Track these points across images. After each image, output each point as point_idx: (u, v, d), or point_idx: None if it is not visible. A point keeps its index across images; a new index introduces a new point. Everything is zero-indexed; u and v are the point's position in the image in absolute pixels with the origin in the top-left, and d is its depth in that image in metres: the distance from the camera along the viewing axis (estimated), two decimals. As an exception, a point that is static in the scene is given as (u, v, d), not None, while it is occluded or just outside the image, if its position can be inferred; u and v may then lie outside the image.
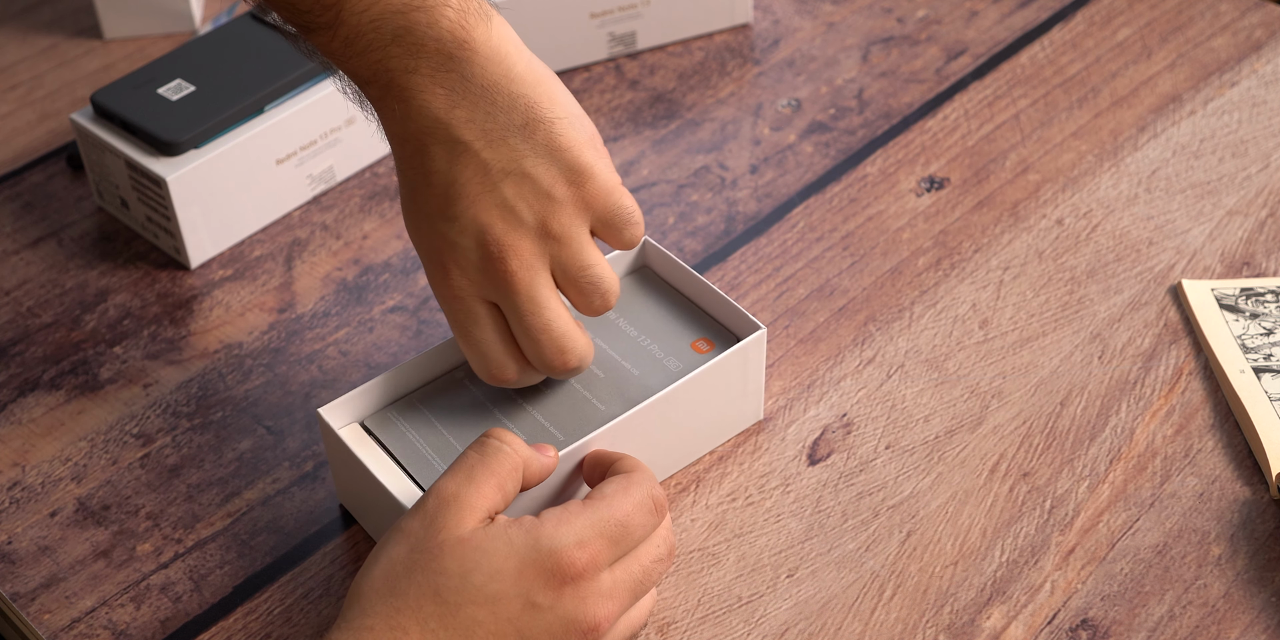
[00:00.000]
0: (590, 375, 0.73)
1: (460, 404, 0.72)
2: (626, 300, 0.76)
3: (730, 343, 0.73)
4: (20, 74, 1.00)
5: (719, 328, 0.75)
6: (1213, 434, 0.75)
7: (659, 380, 0.72)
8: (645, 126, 0.95)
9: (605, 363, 0.73)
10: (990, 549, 0.71)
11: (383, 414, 0.72)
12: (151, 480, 0.75)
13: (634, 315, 0.75)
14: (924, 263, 0.85)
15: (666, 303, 0.76)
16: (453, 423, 0.71)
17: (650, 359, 0.73)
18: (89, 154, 0.87)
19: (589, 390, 0.72)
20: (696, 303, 0.76)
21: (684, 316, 0.75)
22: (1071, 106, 0.94)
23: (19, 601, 0.70)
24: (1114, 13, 1.02)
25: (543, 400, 0.72)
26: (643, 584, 0.63)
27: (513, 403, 0.72)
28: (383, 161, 0.93)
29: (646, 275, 0.78)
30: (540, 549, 0.60)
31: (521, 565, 0.60)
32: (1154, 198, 0.88)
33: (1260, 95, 0.94)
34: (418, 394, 0.73)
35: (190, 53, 0.88)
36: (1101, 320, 0.81)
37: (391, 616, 0.59)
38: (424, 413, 0.72)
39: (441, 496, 0.61)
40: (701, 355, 0.73)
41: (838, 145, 0.93)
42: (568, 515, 0.61)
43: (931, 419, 0.77)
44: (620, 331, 0.75)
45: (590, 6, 0.96)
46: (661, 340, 0.74)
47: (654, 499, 0.63)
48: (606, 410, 0.71)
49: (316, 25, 0.65)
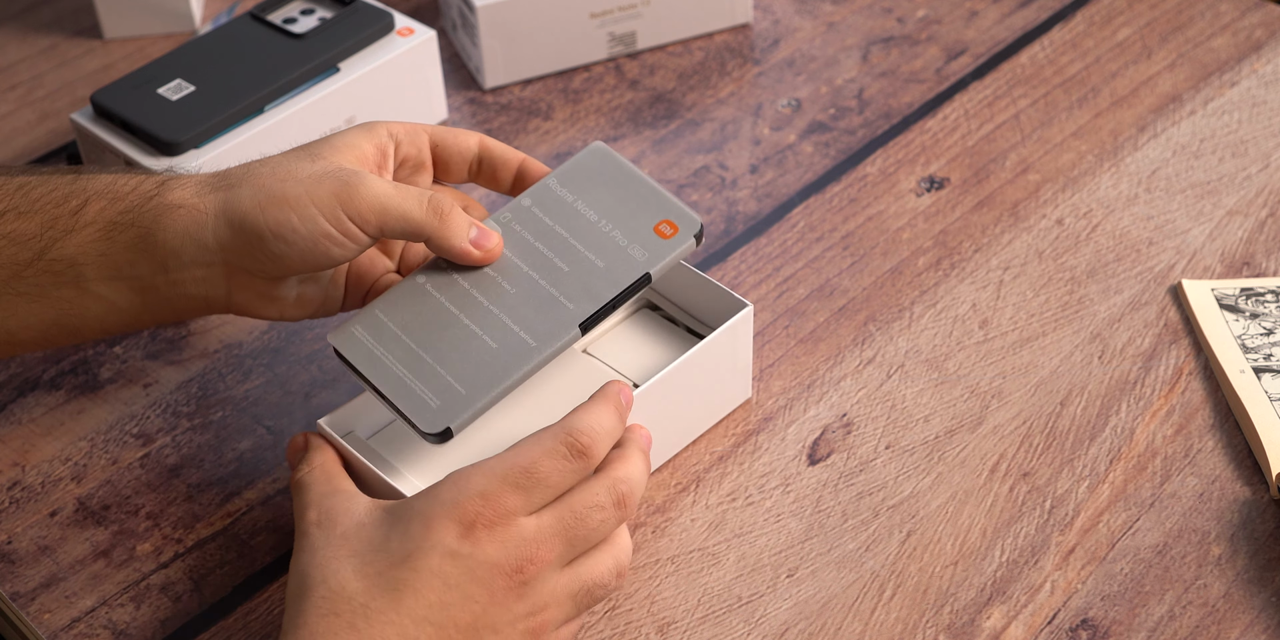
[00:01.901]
0: (554, 269, 0.70)
1: (424, 311, 0.70)
2: (584, 181, 0.72)
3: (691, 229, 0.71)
4: (20, 74, 1.00)
5: (679, 211, 0.71)
6: (1213, 434, 0.75)
7: (625, 272, 0.69)
8: (645, 126, 0.95)
9: (568, 254, 0.70)
10: (990, 549, 0.71)
11: (347, 332, 0.70)
12: (151, 480, 0.75)
13: (592, 198, 0.72)
14: (924, 263, 0.85)
15: (626, 182, 0.72)
16: (420, 334, 0.69)
17: (614, 247, 0.70)
18: (89, 154, 0.87)
19: (555, 287, 0.69)
20: (655, 187, 0.72)
21: (644, 196, 0.72)
22: (1071, 106, 0.94)
23: (19, 601, 0.70)
24: (1114, 13, 1.02)
25: (509, 302, 0.69)
26: (575, 530, 0.62)
27: (478, 306, 0.69)
28: (383, 161, 0.93)
29: (605, 158, 0.73)
30: (444, 501, 0.61)
31: (428, 519, 0.61)
32: (1154, 198, 0.88)
33: (1260, 95, 0.94)
34: (380, 304, 0.70)
35: (190, 53, 0.88)
36: (1101, 320, 0.81)
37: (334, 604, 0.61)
38: (389, 327, 0.69)
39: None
40: (666, 240, 0.70)
41: (838, 145, 0.93)
42: (473, 468, 0.62)
43: (931, 419, 0.77)
44: (579, 215, 0.71)
45: (590, 6, 0.96)
46: (623, 224, 0.71)
47: (569, 445, 0.63)
48: (575, 309, 0.69)
49: None
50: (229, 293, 0.69)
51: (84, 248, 0.68)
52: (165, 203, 0.67)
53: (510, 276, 0.70)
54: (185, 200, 0.67)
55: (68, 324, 0.70)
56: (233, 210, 0.67)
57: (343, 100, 0.88)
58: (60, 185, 0.69)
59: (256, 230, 0.66)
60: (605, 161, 0.72)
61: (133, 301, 0.69)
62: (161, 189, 0.68)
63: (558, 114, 0.96)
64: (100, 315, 0.69)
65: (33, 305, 0.69)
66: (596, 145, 0.73)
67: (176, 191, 0.68)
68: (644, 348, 0.77)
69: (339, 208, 0.66)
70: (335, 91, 0.87)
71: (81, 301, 0.69)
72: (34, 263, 0.68)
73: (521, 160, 0.73)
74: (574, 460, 0.63)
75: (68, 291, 0.68)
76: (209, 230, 0.67)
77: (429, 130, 0.73)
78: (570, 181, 0.72)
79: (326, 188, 0.66)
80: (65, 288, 0.68)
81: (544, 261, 0.70)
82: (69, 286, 0.68)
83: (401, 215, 0.67)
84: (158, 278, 0.68)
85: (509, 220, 0.71)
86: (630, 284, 0.69)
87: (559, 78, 0.99)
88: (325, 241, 0.66)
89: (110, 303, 0.69)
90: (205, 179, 0.69)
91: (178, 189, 0.68)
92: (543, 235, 0.71)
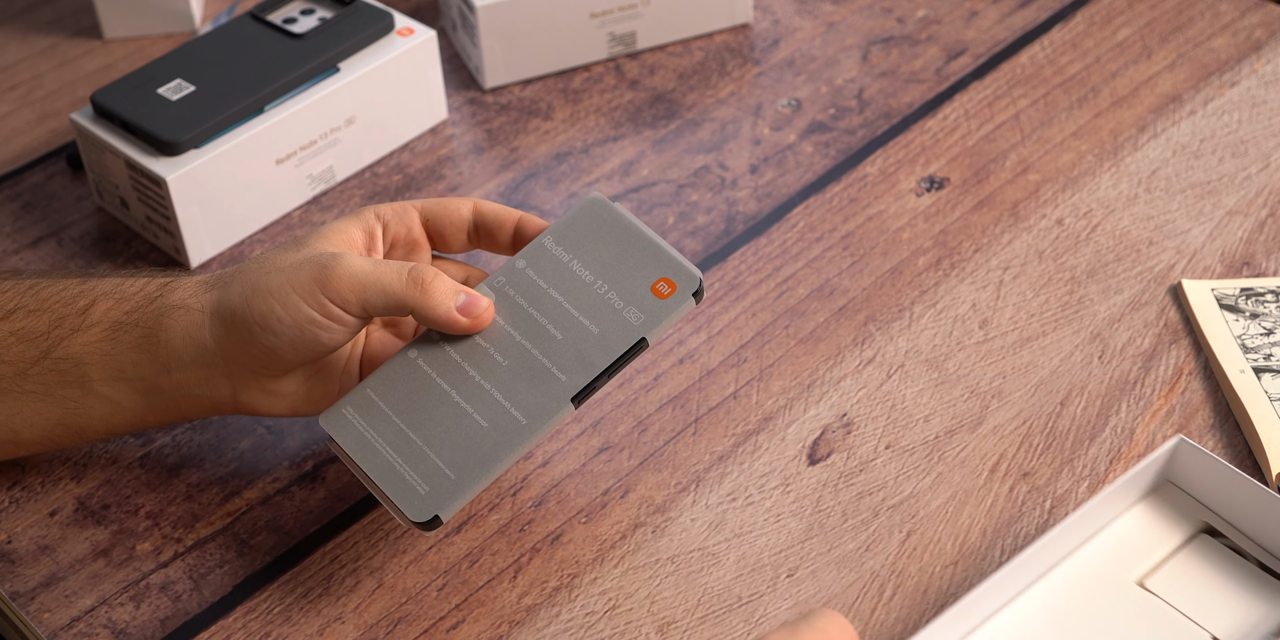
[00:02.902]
0: (548, 338, 0.68)
1: (414, 389, 0.69)
2: (579, 238, 0.71)
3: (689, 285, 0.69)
4: (20, 74, 1.00)
5: (678, 267, 0.69)
6: (1213, 434, 0.75)
7: (620, 338, 0.68)
8: (645, 126, 0.95)
9: (562, 320, 0.69)
10: (990, 549, 0.71)
11: (338, 413, 0.69)
12: (151, 480, 0.75)
13: (588, 256, 0.70)
14: (924, 263, 0.85)
15: (623, 237, 0.70)
16: (410, 414, 0.68)
17: (609, 311, 0.69)
18: (89, 154, 0.87)
19: (548, 357, 0.68)
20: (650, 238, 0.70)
21: (642, 251, 0.69)
22: (1071, 106, 0.94)
23: (19, 601, 0.70)
24: (1114, 13, 1.02)
25: (500, 375, 0.68)
26: None
27: (469, 381, 0.68)
28: (382, 161, 0.93)
29: (602, 210, 0.71)
30: None
31: None
32: (1154, 198, 0.88)
33: (1260, 95, 0.94)
34: (371, 382, 0.69)
35: (190, 53, 0.88)
36: (1101, 320, 0.81)
37: None
38: (379, 406, 0.69)
39: None
40: (663, 301, 0.68)
41: (838, 145, 0.93)
42: None
43: (931, 419, 0.77)
44: (574, 276, 0.70)
45: (590, 6, 0.96)
46: (619, 285, 0.69)
47: None
48: (568, 381, 0.67)
49: None
50: (234, 393, 0.70)
51: (89, 347, 0.69)
52: (167, 304, 0.69)
53: (502, 347, 0.69)
54: (184, 301, 0.69)
55: (73, 424, 0.71)
56: (224, 308, 0.68)
57: (343, 100, 0.88)
58: (70, 285, 0.71)
59: (245, 324, 0.67)
60: (602, 214, 0.70)
61: (137, 402, 0.70)
62: (164, 290, 0.69)
63: (558, 114, 0.96)
64: (105, 416, 0.71)
65: (38, 404, 0.70)
66: (593, 197, 0.71)
67: (177, 293, 0.69)
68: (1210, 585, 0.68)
69: (318, 291, 0.66)
70: (335, 91, 0.87)
71: (86, 401, 0.70)
72: (40, 361, 0.69)
73: (518, 219, 0.72)
74: None
75: (73, 391, 0.70)
76: (206, 330, 0.68)
77: (418, 206, 0.72)
78: (565, 239, 0.70)
79: (306, 274, 0.67)
80: (70, 387, 0.69)
81: (537, 329, 0.68)
82: (74, 386, 0.69)
83: (380, 289, 0.67)
84: (161, 378, 0.69)
85: (502, 284, 0.70)
86: (625, 351, 0.67)
87: (559, 78, 0.99)
88: (311, 327, 0.67)
89: (115, 403, 0.70)
90: (203, 279, 0.70)
91: (178, 290, 0.69)
92: (536, 300, 0.69)
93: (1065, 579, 0.68)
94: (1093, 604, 0.67)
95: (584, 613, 0.69)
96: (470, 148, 0.94)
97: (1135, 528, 0.70)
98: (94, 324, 0.69)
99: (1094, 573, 0.68)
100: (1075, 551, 0.69)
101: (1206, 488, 0.69)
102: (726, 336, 0.81)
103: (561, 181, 0.91)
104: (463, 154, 0.93)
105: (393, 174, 0.92)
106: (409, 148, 0.94)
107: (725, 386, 0.79)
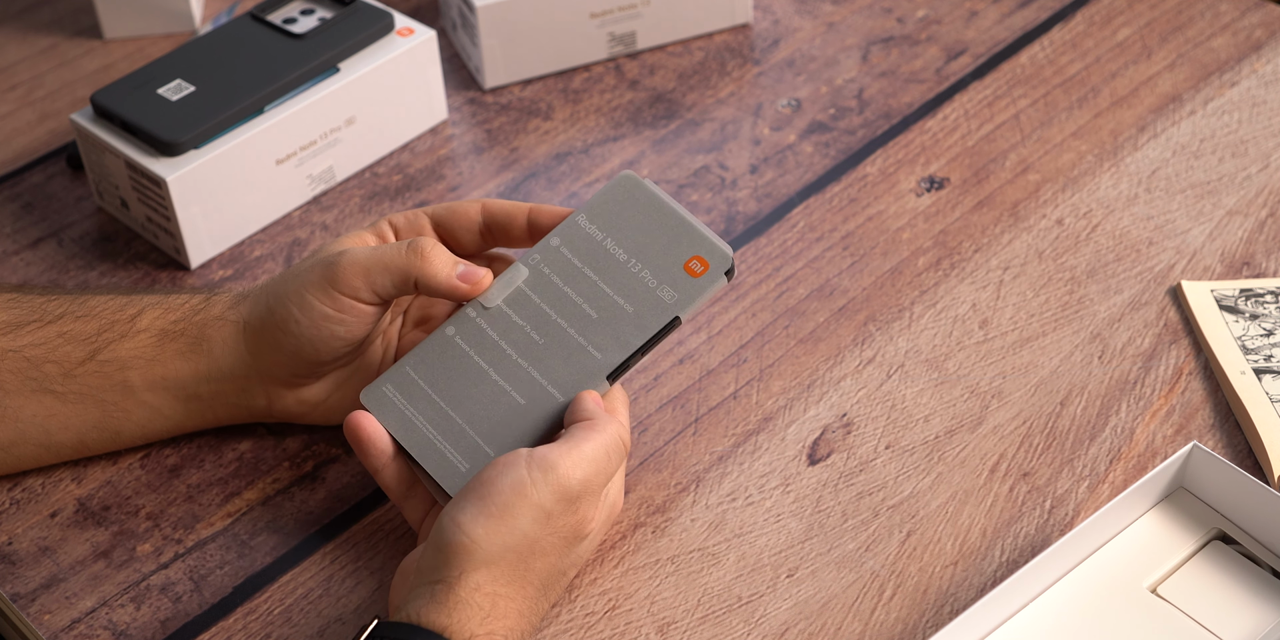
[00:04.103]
0: (583, 316, 0.69)
1: (452, 367, 0.70)
2: (613, 216, 0.71)
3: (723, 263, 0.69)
4: (20, 74, 1.00)
5: (711, 245, 0.69)
6: (1213, 434, 0.75)
7: (654, 317, 0.68)
8: (645, 126, 0.95)
9: (597, 298, 0.69)
10: (990, 549, 0.71)
11: (379, 391, 0.70)
12: (151, 480, 0.75)
13: (622, 234, 0.70)
14: (924, 263, 0.85)
15: (656, 215, 0.70)
16: (449, 391, 0.69)
17: (643, 289, 0.69)
18: (89, 154, 0.87)
19: (584, 335, 0.69)
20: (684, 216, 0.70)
21: (675, 230, 0.70)
22: (1071, 106, 0.94)
23: (19, 602, 0.70)
24: (1114, 13, 1.02)
25: (537, 353, 0.69)
26: None
27: (506, 359, 0.69)
28: (382, 161, 0.93)
29: (635, 188, 0.71)
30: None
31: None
32: (1154, 198, 0.88)
33: (1260, 95, 0.94)
34: (410, 360, 0.70)
35: (190, 53, 0.88)
36: (1101, 320, 0.81)
37: (524, 586, 0.63)
38: (419, 384, 0.70)
39: (585, 487, 0.64)
40: (696, 279, 0.69)
41: (838, 145, 0.93)
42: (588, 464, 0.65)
43: (931, 419, 0.77)
44: (608, 254, 0.70)
45: (590, 6, 0.96)
46: (652, 263, 0.70)
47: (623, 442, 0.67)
48: (603, 359, 0.68)
49: None
50: (269, 403, 0.73)
51: (135, 352, 0.71)
52: (210, 316, 0.72)
53: (539, 325, 0.70)
54: (223, 314, 0.72)
55: (110, 427, 0.73)
56: (253, 318, 0.71)
57: (343, 100, 0.88)
58: (116, 295, 0.74)
59: (269, 331, 0.70)
60: (635, 192, 0.71)
61: (175, 409, 0.73)
62: (207, 304, 0.73)
63: (558, 114, 0.96)
64: (143, 421, 0.73)
65: (76, 406, 0.72)
66: (625, 175, 0.71)
67: (217, 307, 0.72)
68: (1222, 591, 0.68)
69: (329, 287, 0.68)
70: (335, 91, 0.87)
71: (125, 405, 0.72)
72: (86, 362, 0.71)
73: (529, 210, 0.72)
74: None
75: (114, 395, 0.72)
76: (241, 341, 0.71)
77: (429, 212, 0.73)
78: (599, 217, 0.71)
79: (316, 273, 0.69)
80: (112, 391, 0.72)
81: (573, 308, 0.69)
82: (116, 390, 0.72)
83: (384, 267, 0.68)
84: (201, 387, 0.72)
85: (537, 262, 0.71)
86: (659, 329, 0.69)
87: (559, 78, 0.99)
88: (326, 323, 0.69)
89: (154, 409, 0.73)
90: (238, 293, 0.73)
91: (218, 304, 0.72)
92: (571, 279, 0.70)
93: (1078, 585, 0.68)
94: (1105, 610, 0.67)
95: (584, 613, 0.69)
96: (470, 148, 0.94)
97: (1148, 534, 0.70)
98: (142, 330, 0.71)
99: (1106, 579, 0.68)
100: (1088, 557, 0.69)
101: (1220, 494, 0.69)
102: (726, 336, 0.81)
103: (561, 181, 0.91)
104: (463, 154, 0.93)
105: (393, 174, 0.92)
106: (409, 148, 0.94)
107: (725, 386, 0.79)
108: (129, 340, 0.71)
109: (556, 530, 0.64)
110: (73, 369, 0.71)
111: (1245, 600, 0.66)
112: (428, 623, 0.61)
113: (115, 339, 0.71)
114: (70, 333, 0.72)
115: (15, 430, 0.72)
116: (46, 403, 0.71)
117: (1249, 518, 0.69)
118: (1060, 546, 0.66)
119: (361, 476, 0.75)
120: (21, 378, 0.71)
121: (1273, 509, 0.67)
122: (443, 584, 0.62)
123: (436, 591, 0.62)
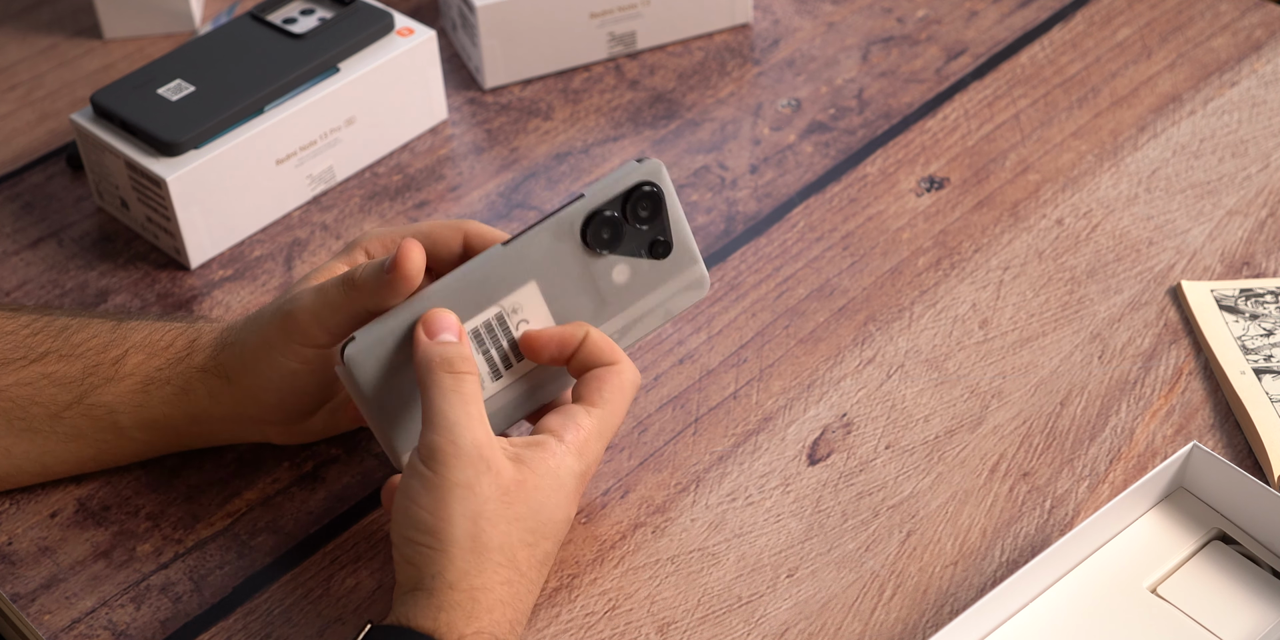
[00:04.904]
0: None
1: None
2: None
3: None
4: (20, 74, 1.00)
5: None
6: (1213, 434, 0.75)
7: None
8: (645, 126, 0.95)
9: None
10: (990, 549, 0.71)
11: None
12: (151, 480, 0.75)
13: None
14: (924, 263, 0.85)
15: None
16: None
17: None
18: (89, 154, 0.87)
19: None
20: None
21: None
22: (1071, 106, 0.94)
23: (19, 602, 0.70)
24: (1114, 13, 1.02)
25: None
26: None
27: None
28: (382, 161, 0.93)
29: None
30: (579, 474, 0.67)
31: (573, 491, 0.67)
32: (1154, 198, 0.88)
33: (1260, 95, 0.94)
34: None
35: (190, 53, 0.88)
36: (1101, 320, 0.81)
37: (496, 570, 0.63)
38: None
39: (477, 443, 0.63)
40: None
41: (838, 145, 0.93)
42: (587, 437, 0.67)
43: (931, 419, 0.77)
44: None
45: (590, 6, 0.96)
46: None
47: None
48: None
49: None
50: (264, 436, 0.74)
51: (122, 397, 0.71)
52: (193, 366, 0.71)
53: None
54: (204, 364, 0.71)
55: (106, 460, 0.74)
56: (233, 373, 0.71)
57: (343, 100, 0.88)
58: (101, 332, 0.73)
59: (251, 391, 0.71)
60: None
61: (169, 442, 0.74)
62: (191, 349, 0.72)
63: (558, 114, 0.96)
64: (136, 452, 0.74)
65: (70, 444, 0.72)
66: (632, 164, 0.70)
67: (199, 356, 0.72)
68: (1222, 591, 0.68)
69: (289, 341, 0.69)
70: (335, 91, 0.87)
71: (119, 443, 0.73)
72: (74, 405, 0.71)
73: None
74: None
75: (106, 435, 0.72)
76: (227, 394, 0.71)
77: (411, 232, 0.71)
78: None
79: (274, 327, 0.69)
80: (104, 431, 0.72)
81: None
82: (107, 431, 0.72)
83: (332, 310, 0.67)
84: (191, 428, 0.73)
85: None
86: (561, 205, 0.67)
87: (559, 78, 0.99)
88: (300, 376, 0.70)
89: (146, 443, 0.73)
90: (217, 339, 0.72)
91: (200, 353, 0.72)
92: None
93: (1077, 585, 0.68)
94: (1105, 610, 0.67)
95: (584, 613, 0.69)
96: (470, 148, 0.94)
97: (1148, 534, 0.70)
98: (127, 375, 0.71)
99: (1106, 579, 0.68)
100: (1088, 558, 0.69)
101: (1220, 494, 0.69)
102: (726, 336, 0.81)
103: (561, 182, 0.91)
104: (463, 154, 0.93)
105: (393, 174, 0.92)
106: (409, 148, 0.94)
107: (725, 386, 0.79)
108: (115, 385, 0.71)
109: (481, 493, 0.63)
110: (60, 412, 0.71)
111: (1245, 600, 0.66)
112: (417, 626, 0.61)
113: (100, 384, 0.71)
114: (55, 374, 0.71)
115: (10, 465, 0.72)
116: (38, 441, 0.72)
117: (1249, 518, 0.69)
118: (1060, 546, 0.66)
119: (361, 476, 0.75)
120: (8, 418, 0.71)
121: (1273, 509, 0.67)
122: (422, 591, 0.62)
123: (419, 598, 0.62)
